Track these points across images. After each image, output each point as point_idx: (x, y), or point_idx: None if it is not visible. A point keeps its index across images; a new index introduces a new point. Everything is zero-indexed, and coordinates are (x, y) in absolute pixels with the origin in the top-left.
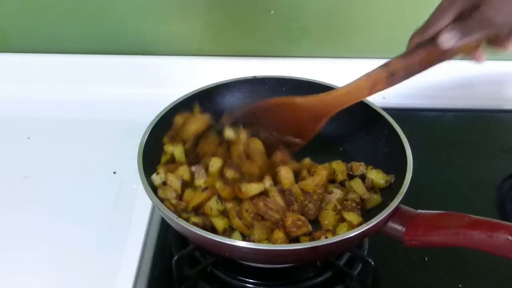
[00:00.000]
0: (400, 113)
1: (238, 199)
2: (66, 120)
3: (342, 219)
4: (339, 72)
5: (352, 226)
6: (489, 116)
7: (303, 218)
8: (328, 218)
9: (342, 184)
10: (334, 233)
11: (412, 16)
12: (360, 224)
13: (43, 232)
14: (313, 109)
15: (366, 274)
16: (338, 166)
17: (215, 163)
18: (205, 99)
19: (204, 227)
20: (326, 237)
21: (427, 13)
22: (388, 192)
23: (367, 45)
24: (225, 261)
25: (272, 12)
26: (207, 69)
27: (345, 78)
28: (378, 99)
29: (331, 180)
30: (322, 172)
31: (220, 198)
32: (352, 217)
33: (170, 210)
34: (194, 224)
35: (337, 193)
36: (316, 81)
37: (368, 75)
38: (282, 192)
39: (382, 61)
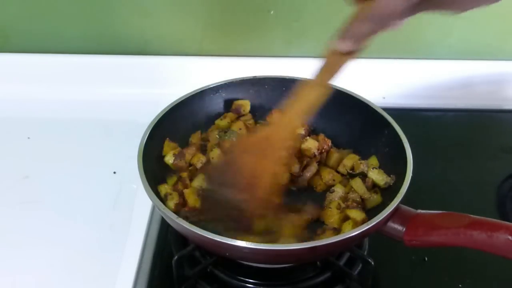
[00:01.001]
0: (400, 113)
1: None
2: (66, 120)
3: (346, 218)
4: None
5: (356, 223)
6: (489, 116)
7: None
8: (332, 216)
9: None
10: (339, 231)
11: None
12: (364, 220)
13: (43, 232)
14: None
15: (366, 274)
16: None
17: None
18: (205, 99)
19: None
20: (325, 228)
21: (425, 14)
22: (388, 192)
23: None
24: (225, 261)
25: (272, 12)
26: (207, 69)
27: (345, 78)
28: (378, 99)
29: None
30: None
31: None
32: (355, 214)
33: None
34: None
35: (338, 191)
36: None
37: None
38: None
39: (381, 61)
